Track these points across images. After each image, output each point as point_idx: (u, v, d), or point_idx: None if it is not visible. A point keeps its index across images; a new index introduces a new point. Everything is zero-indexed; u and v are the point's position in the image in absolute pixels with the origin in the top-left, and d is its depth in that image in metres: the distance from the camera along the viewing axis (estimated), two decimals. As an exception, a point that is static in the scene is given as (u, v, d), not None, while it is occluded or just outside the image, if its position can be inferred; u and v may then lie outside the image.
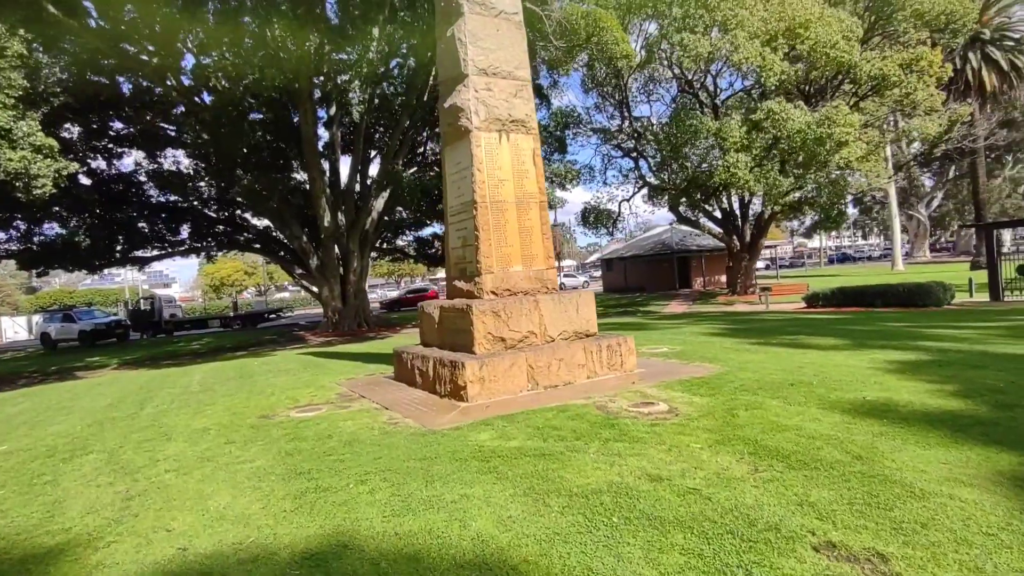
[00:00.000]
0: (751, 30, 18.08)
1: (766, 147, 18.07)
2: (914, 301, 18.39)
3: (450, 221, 8.78)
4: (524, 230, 8.37)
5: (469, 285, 8.24)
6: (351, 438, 5.82)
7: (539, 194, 8.57)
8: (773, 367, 7.95)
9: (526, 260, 8.35)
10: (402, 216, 31.22)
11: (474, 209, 8.04)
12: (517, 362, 7.32)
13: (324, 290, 26.00)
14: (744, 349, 9.90)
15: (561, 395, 7.07)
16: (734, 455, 4.55)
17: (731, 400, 6.22)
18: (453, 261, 8.76)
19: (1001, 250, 20.32)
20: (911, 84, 20.90)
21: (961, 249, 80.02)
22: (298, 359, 14.54)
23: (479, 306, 7.53)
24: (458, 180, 8.48)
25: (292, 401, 8.18)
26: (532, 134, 8.62)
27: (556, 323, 8.10)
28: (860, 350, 9.15)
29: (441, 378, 7.50)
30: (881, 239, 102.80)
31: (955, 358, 8.04)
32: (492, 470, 4.58)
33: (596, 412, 6.09)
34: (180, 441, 6.41)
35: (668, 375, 7.86)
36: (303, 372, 11.46)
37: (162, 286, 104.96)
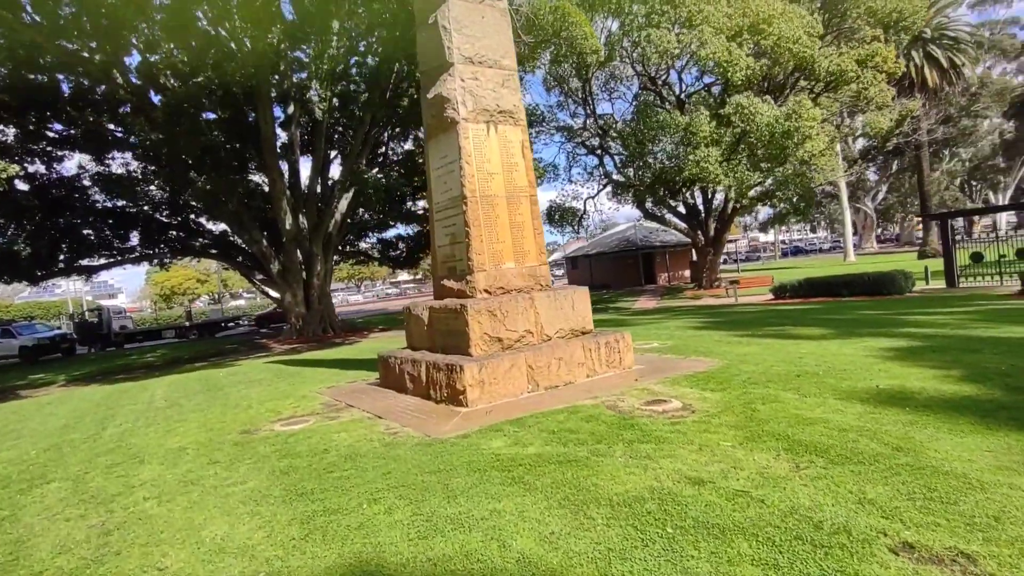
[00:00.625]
0: (716, 26, 18.22)
1: (735, 141, 18.25)
2: (879, 290, 18.86)
3: (436, 218, 8.36)
4: (515, 225, 8.03)
5: (460, 284, 7.84)
6: (350, 452, 5.37)
7: (529, 188, 8.25)
8: (772, 359, 7.84)
9: (518, 256, 8.02)
10: (364, 218, 30.42)
11: (463, 204, 7.65)
12: (517, 363, 6.98)
13: (287, 295, 25.04)
14: (735, 342, 9.82)
15: (565, 396, 6.76)
16: (769, 452, 4.33)
17: (744, 394, 6.03)
18: (440, 260, 8.35)
19: (955, 239, 21.11)
20: (867, 79, 21.49)
21: (904, 240, 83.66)
22: (267, 368, 13.81)
23: (474, 306, 7.16)
24: (444, 174, 8.08)
25: (274, 414, 7.61)
26: (520, 126, 8.29)
27: (552, 321, 7.80)
28: (850, 338, 9.17)
29: (436, 383, 7.09)
30: (828, 232, 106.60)
31: (946, 343, 8.11)
32: (517, 480, 4.23)
33: (609, 412, 5.81)
34: (155, 463, 5.81)
35: (668, 371, 7.65)
36: (278, 382, 10.82)
37: (107, 297, 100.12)
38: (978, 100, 60.99)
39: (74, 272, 25.33)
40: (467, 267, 7.70)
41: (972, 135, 65.70)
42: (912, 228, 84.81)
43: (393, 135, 29.37)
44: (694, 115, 18.17)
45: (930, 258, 38.70)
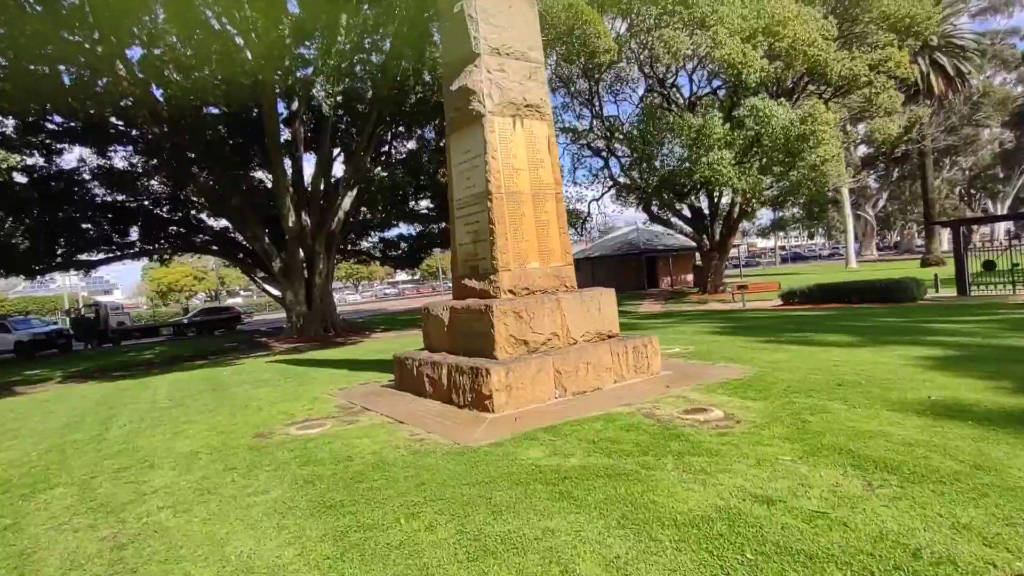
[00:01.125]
0: (731, 27, 17.97)
1: (748, 144, 18.01)
2: (891, 297, 18.61)
3: (457, 215, 8.05)
4: (541, 224, 7.73)
5: (483, 284, 7.53)
6: (377, 460, 5.04)
7: (555, 185, 7.94)
8: (806, 367, 7.55)
9: (543, 256, 7.71)
10: (367, 217, 30.10)
11: (488, 201, 7.34)
12: (544, 367, 6.67)
13: (288, 294, 24.69)
14: (761, 348, 9.53)
15: (595, 402, 6.46)
16: (835, 468, 4.03)
17: (788, 404, 5.73)
18: (462, 258, 8.03)
19: (967, 246, 20.89)
20: (879, 84, 21.28)
21: (904, 247, 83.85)
22: (272, 368, 13.46)
23: (500, 306, 6.85)
24: (467, 169, 7.77)
25: (287, 416, 7.28)
26: (547, 120, 7.99)
27: (579, 323, 7.49)
28: (879, 346, 8.89)
29: (459, 387, 6.77)
30: (825, 239, 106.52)
31: (982, 353, 7.83)
32: (565, 495, 3.91)
33: (648, 421, 5.50)
34: (167, 468, 5.48)
35: (699, 377, 7.35)
36: (284, 382, 10.48)
37: (102, 292, 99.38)
38: (980, 109, 60.95)
39: (72, 267, 24.93)
40: (491, 266, 7.39)
41: (973, 144, 65.63)
42: (911, 236, 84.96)
43: (397, 134, 29.06)
44: (707, 117, 17.91)
45: (933, 266, 38.56)
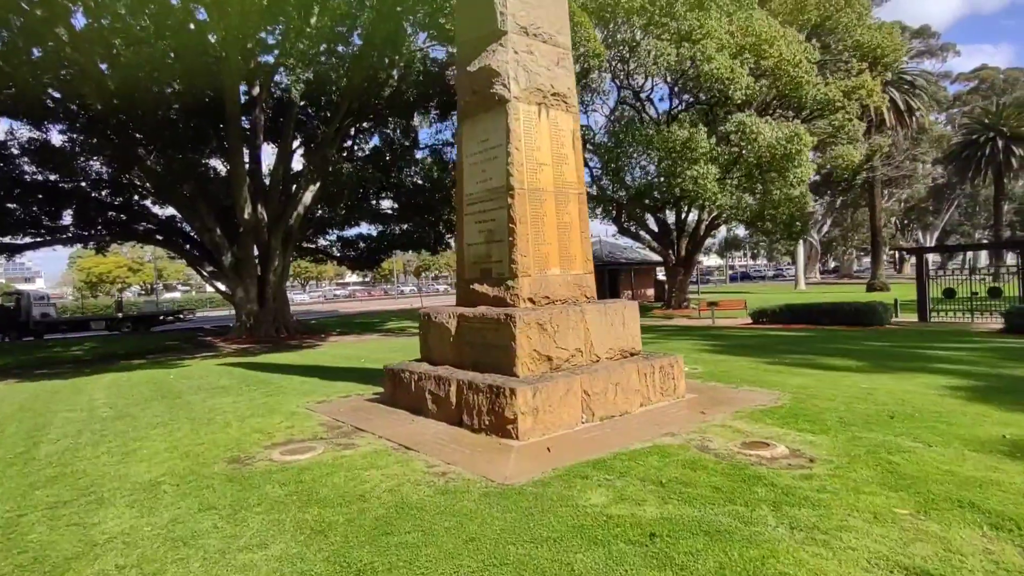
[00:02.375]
0: (720, 42, 17.80)
1: (732, 160, 17.86)
2: (860, 320, 18.78)
3: (467, 211, 7.17)
4: (563, 226, 6.94)
5: (497, 290, 6.67)
6: (398, 501, 4.10)
7: (578, 184, 7.19)
8: (839, 394, 7.03)
9: (564, 262, 6.93)
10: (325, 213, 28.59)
11: (509, 197, 6.50)
12: (572, 388, 5.87)
13: (239, 291, 22.95)
14: (773, 370, 9.02)
15: (629, 429, 5.70)
16: (969, 527, 3.39)
17: (854, 439, 5.13)
18: (471, 260, 7.14)
19: (929, 274, 21.42)
20: (852, 111, 21.68)
21: (844, 272, 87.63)
22: (226, 372, 12.10)
23: (523, 316, 6.00)
24: (482, 161, 6.91)
25: (264, 436, 6.18)
26: (573, 113, 7.24)
27: (603, 339, 6.73)
28: (895, 373, 8.53)
29: (473, 408, 5.87)
30: (767, 260, 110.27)
31: (1005, 384, 7.52)
32: (666, 561, 3.11)
33: (707, 457, 4.77)
34: (121, 505, 4.35)
35: (730, 403, 6.71)
36: (248, 390, 9.26)
37: (23, 280, 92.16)
38: (919, 145, 64.30)
39: (-8, 250, 22.40)
40: (508, 270, 6.54)
41: (911, 177, 69.17)
42: (851, 261, 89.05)
43: (362, 129, 27.81)
44: (693, 130, 17.66)
45: (879, 291, 40.02)
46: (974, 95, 73.62)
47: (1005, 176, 55.66)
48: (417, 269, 56.73)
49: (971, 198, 77.94)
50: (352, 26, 20.28)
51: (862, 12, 23.09)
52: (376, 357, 13.48)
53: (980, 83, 74.78)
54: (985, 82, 74.55)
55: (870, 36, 22.86)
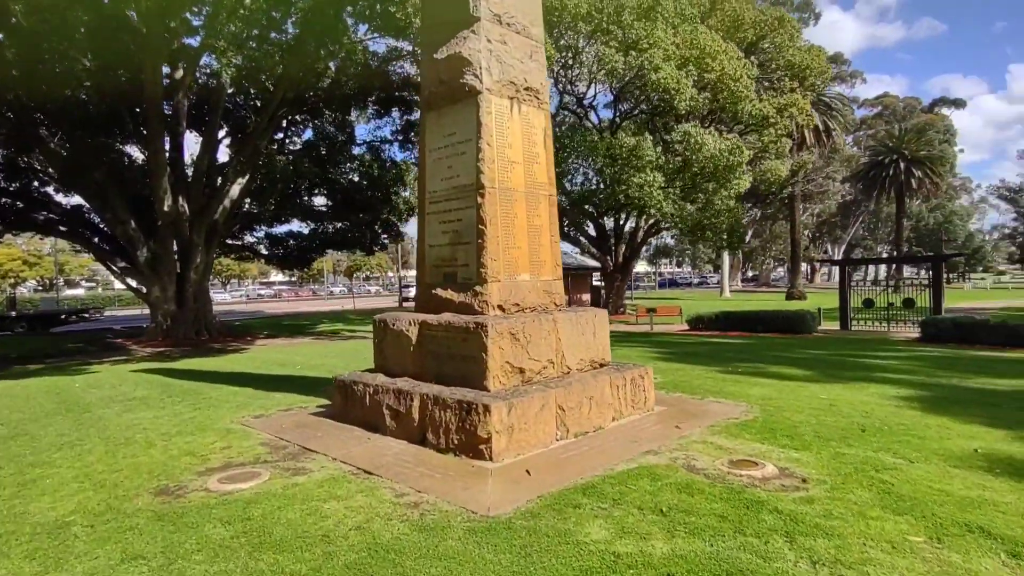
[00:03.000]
0: (667, 52, 18.03)
1: (676, 169, 18.11)
2: (792, 328, 19.53)
3: (431, 210, 6.64)
4: (533, 229, 6.54)
5: (463, 296, 6.18)
6: (370, 542, 3.53)
7: (549, 185, 6.81)
8: (803, 405, 7.01)
9: (534, 267, 6.53)
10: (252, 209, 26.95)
11: (479, 196, 6.04)
12: (547, 403, 5.47)
13: (155, 289, 21.12)
14: (731, 380, 8.99)
15: (606, 447, 5.36)
16: (988, 556, 3.25)
17: (838, 456, 5.01)
18: (433, 262, 6.61)
19: (851, 284, 22.63)
20: (783, 127, 22.60)
21: (762, 281, 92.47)
22: (143, 380, 10.89)
23: (496, 325, 5.55)
24: (448, 156, 6.41)
25: (196, 459, 5.39)
26: (544, 110, 6.86)
27: (574, 349, 6.38)
28: (846, 383, 8.68)
29: (440, 425, 5.36)
30: (691, 268, 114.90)
31: (949, 394, 7.77)
32: (693, 611, 2.75)
33: (699, 479, 4.49)
34: (18, 557, 3.53)
35: (700, 416, 6.52)
36: (171, 402, 8.27)
37: None
38: (831, 163, 68.69)
39: None
40: (476, 275, 6.07)
41: (824, 193, 73.72)
42: (768, 271, 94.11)
43: (293, 122, 26.48)
44: (639, 139, 17.77)
45: (797, 299, 42.28)
46: (878, 120, 79.35)
47: (906, 195, 60.29)
48: (348, 269, 54.82)
49: (874, 215, 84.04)
50: (287, 12, 19.13)
51: (793, 33, 24.18)
52: (313, 364, 12.59)
53: (883, 109, 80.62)
54: (888, 108, 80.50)
55: (800, 57, 23.95)
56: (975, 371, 9.83)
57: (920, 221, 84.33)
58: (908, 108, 79.96)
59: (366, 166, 23.25)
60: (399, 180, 23.64)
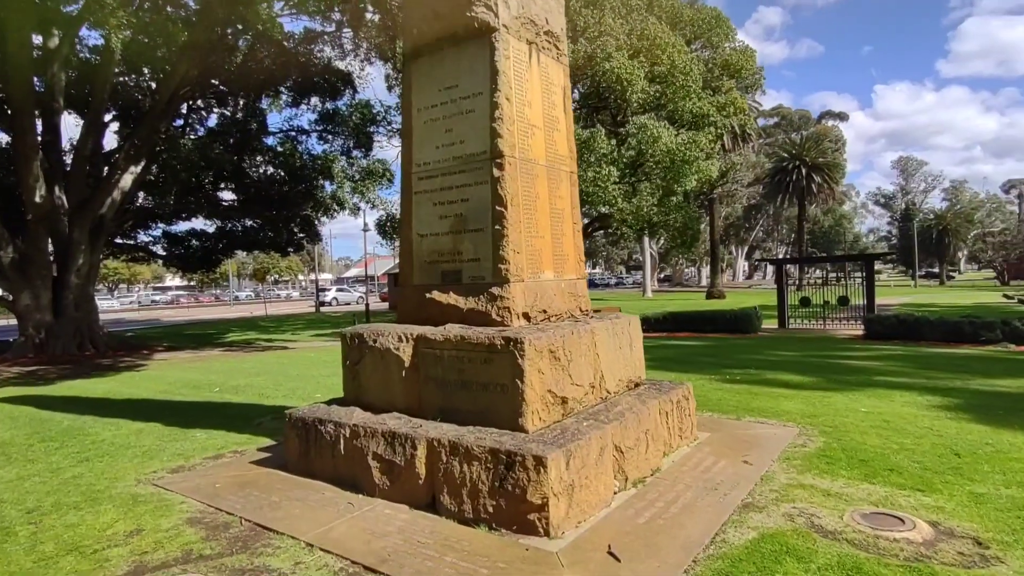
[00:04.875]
0: (617, 41, 17.14)
1: (630, 164, 17.27)
2: (739, 327, 19.24)
3: (420, 188, 5.02)
4: (556, 214, 5.10)
5: (475, 301, 4.63)
6: None
7: (570, 159, 5.40)
8: (858, 423, 6.02)
9: (557, 263, 5.08)
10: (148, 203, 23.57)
11: (496, 167, 4.52)
12: (606, 445, 4.05)
13: (24, 296, 17.62)
14: (742, 392, 7.96)
15: (683, 502, 4.02)
16: None
17: (978, 499, 3.94)
18: (425, 257, 5.00)
19: (788, 282, 22.87)
20: (723, 125, 22.48)
21: (676, 280, 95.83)
22: (3, 414, 8.35)
23: (533, 340, 4.05)
24: (448, 116, 4.84)
25: (86, 562, 3.48)
26: (564, 64, 5.44)
27: (613, 367, 4.99)
28: (862, 390, 7.91)
29: (464, 485, 3.79)
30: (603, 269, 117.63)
31: (987, 401, 7.12)
32: None
33: (849, 551, 3.22)
34: None
35: (755, 444, 5.33)
36: (45, 451, 6.06)
37: None
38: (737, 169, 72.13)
39: None
40: (494, 272, 4.54)
41: (734, 196, 77.15)
42: (682, 270, 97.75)
43: (196, 108, 23.50)
44: (593, 131, 16.75)
45: (717, 298, 43.45)
46: (776, 129, 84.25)
47: (807, 199, 64.05)
48: (258, 272, 50.58)
49: (774, 218, 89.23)
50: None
51: (729, 32, 24.20)
52: (235, 384, 10.42)
53: (781, 119, 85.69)
54: (784, 118, 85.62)
55: (736, 57, 23.99)
56: (961, 371, 9.47)
57: (816, 224, 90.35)
58: (802, 119, 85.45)
59: (286, 155, 20.78)
60: (325, 172, 21.33)
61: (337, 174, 21.78)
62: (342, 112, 23.83)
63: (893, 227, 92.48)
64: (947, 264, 74.13)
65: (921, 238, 69.18)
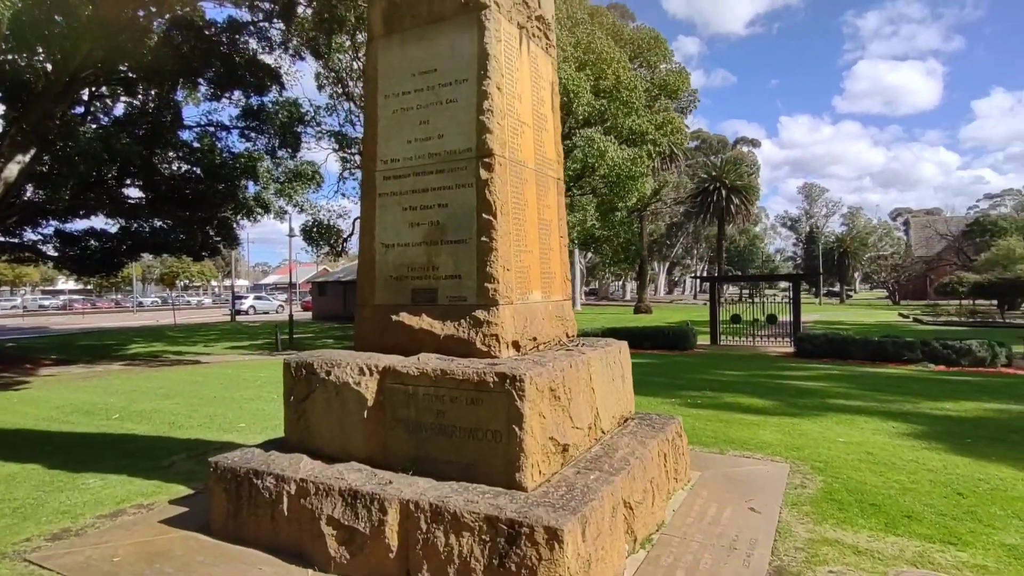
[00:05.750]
0: (564, 52, 16.87)
1: (575, 177, 16.95)
2: (677, 344, 19.38)
3: (386, 188, 4.22)
4: (543, 225, 4.44)
5: (455, 326, 3.86)
6: None
7: (557, 164, 4.77)
8: (847, 458, 5.71)
9: (544, 282, 4.41)
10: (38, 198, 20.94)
11: (482, 168, 3.81)
12: (617, 502, 3.39)
13: None
14: (711, 419, 7.57)
15: (704, 567, 3.43)
16: None
17: (1015, 552, 3.61)
18: (389, 271, 4.19)
19: (720, 300, 23.35)
20: (661, 143, 22.80)
21: (602, 294, 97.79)
22: None
23: (533, 376, 3.34)
24: (424, 106, 4.08)
25: None
26: (553, 56, 4.82)
27: (607, 402, 4.36)
28: (828, 416, 7.74)
29: (451, 562, 3.01)
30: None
31: (954, 428, 7.09)
32: None
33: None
34: None
35: (755, 486, 4.85)
36: None
37: None
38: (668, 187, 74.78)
39: None
40: (479, 292, 3.81)
41: (658, 214, 79.67)
42: (607, 285, 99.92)
43: (100, 95, 21.26)
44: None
45: (644, 313, 44.37)
46: (697, 152, 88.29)
47: (726, 219, 67.13)
48: (166, 277, 46.57)
49: (694, 236, 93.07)
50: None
51: (667, 53, 24.68)
52: (140, 409, 8.98)
53: (701, 142, 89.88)
54: (705, 142, 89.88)
55: (673, 78, 24.48)
56: (903, 392, 9.68)
57: (732, 243, 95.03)
58: (720, 143, 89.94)
59: (205, 151, 19.03)
60: (249, 172, 19.71)
61: (262, 174, 20.21)
62: (268, 109, 22.27)
63: (799, 248, 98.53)
64: (845, 284, 79.76)
65: (824, 259, 74.04)
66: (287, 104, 23.15)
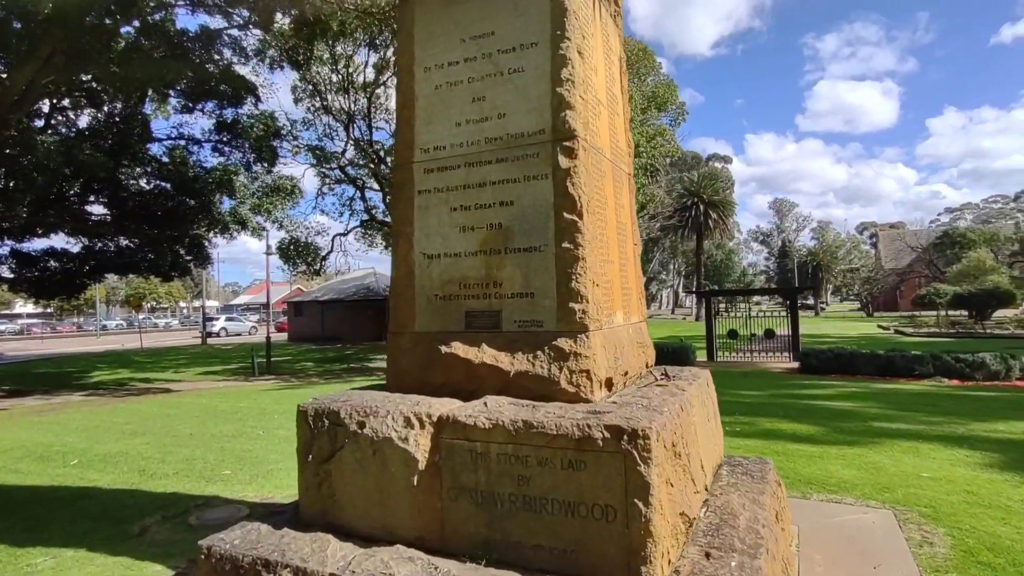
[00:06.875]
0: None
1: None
2: (678, 360, 18.66)
3: (425, 185, 3.32)
4: (620, 230, 3.58)
5: (527, 361, 2.95)
6: None
7: (629, 156, 3.93)
8: (947, 499, 4.93)
9: (624, 300, 3.54)
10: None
11: (562, 154, 2.95)
12: (770, 597, 2.50)
13: None
14: (764, 449, 6.76)
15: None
16: None
17: None
18: (434, 289, 3.27)
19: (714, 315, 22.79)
20: (654, 155, 22.31)
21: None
22: None
23: (657, 428, 2.44)
24: (477, 79, 3.21)
25: None
26: (619, 26, 4.00)
27: (707, 448, 3.48)
28: (880, 441, 7.02)
29: None
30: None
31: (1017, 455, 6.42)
32: None
33: None
34: None
35: (864, 543, 4.03)
36: None
37: None
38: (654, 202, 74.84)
39: None
40: (559, 316, 2.92)
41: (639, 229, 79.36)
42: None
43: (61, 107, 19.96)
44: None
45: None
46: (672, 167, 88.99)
47: (704, 234, 67.39)
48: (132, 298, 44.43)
49: (671, 250, 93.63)
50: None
51: (655, 65, 24.36)
52: (102, 451, 7.79)
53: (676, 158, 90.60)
54: (680, 158, 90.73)
55: (662, 91, 24.13)
56: (942, 411, 9.06)
57: (709, 257, 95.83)
58: (694, 159, 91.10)
59: (176, 163, 17.85)
60: (224, 187, 18.55)
61: (239, 189, 19.07)
62: (243, 122, 21.21)
63: (771, 262, 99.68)
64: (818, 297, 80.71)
65: (798, 272, 74.88)
66: (263, 117, 22.10)
